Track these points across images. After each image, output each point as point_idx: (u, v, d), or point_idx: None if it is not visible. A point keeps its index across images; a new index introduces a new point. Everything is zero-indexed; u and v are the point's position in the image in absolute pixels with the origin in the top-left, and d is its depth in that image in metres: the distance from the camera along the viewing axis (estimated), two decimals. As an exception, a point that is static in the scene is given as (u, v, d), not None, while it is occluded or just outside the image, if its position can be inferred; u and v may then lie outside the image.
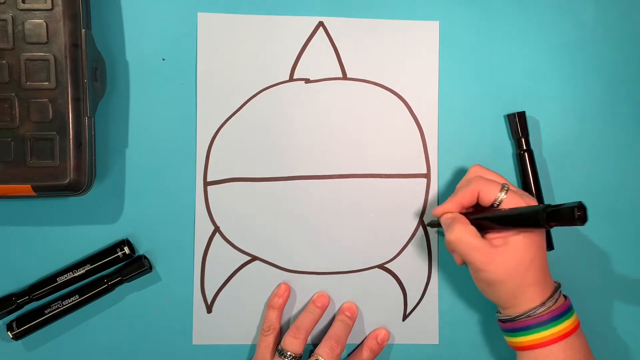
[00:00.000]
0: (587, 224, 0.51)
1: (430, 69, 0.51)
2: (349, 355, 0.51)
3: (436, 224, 0.50)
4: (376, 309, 0.51)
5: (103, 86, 0.49)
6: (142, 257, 0.49)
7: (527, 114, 0.51)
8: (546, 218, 0.39)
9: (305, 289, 0.51)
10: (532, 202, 0.44)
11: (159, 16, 0.50)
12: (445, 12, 0.51)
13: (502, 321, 0.45)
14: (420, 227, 0.51)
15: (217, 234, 0.50)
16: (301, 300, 0.51)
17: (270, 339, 0.48)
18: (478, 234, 0.43)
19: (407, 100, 0.51)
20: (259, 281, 0.51)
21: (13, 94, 0.44)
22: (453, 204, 0.45)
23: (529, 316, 0.42)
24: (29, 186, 0.44)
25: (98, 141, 0.49)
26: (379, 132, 0.51)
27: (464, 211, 0.46)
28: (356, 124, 0.51)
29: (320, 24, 0.51)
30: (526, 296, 0.42)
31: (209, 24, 0.50)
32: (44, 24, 0.44)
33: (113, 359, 0.50)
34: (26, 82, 0.44)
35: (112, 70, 0.49)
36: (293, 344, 0.47)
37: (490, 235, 0.43)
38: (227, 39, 0.50)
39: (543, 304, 0.42)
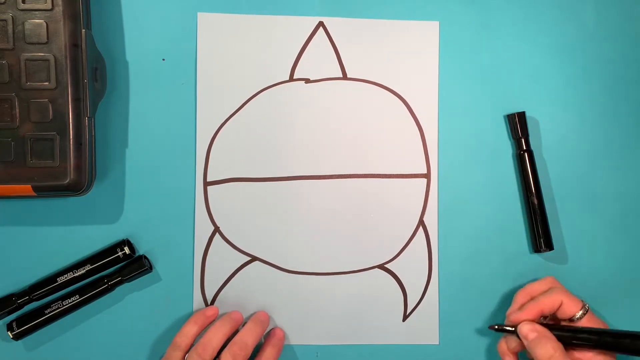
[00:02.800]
0: (587, 223, 0.52)
1: (430, 69, 0.51)
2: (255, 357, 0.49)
3: (502, 329, 0.47)
4: (376, 309, 0.51)
5: (103, 86, 0.49)
6: (142, 257, 0.49)
7: (527, 114, 0.51)
8: None
9: (305, 290, 0.51)
10: (605, 324, 0.45)
11: (159, 16, 0.50)
12: (445, 12, 0.51)
13: None
14: (421, 227, 0.51)
15: (217, 234, 0.50)
16: (301, 302, 0.51)
17: (179, 355, 0.46)
18: (565, 353, 0.43)
19: (407, 100, 0.51)
20: (258, 281, 0.51)
21: (13, 94, 0.44)
22: (533, 312, 0.45)
23: None
24: (29, 186, 0.44)
25: (98, 141, 0.49)
26: (378, 132, 0.51)
27: (538, 321, 0.46)
28: (356, 124, 0.51)
29: (320, 24, 0.51)
30: None
31: (209, 24, 0.50)
32: (44, 24, 0.44)
33: (113, 359, 0.50)
34: (26, 82, 0.44)
35: (112, 70, 0.50)
36: None
37: (574, 356, 0.44)
38: (227, 39, 0.50)
39: None
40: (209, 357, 0.45)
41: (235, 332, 0.48)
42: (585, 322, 0.45)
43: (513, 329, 0.47)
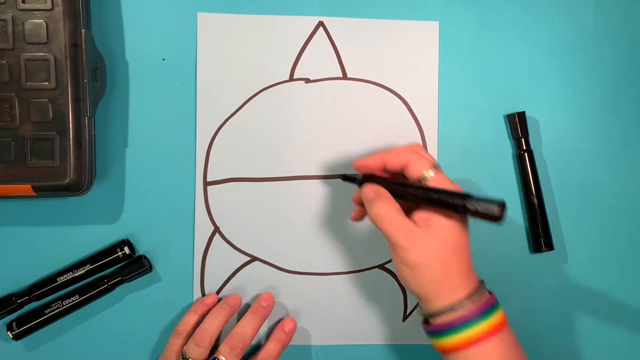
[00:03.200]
0: (587, 223, 0.52)
1: (430, 69, 0.51)
2: (257, 347, 0.50)
3: (351, 179, 0.46)
4: (376, 309, 0.51)
5: (103, 86, 0.49)
6: (142, 257, 0.49)
7: (527, 114, 0.51)
8: (465, 206, 0.38)
9: (305, 290, 0.51)
10: (459, 189, 0.42)
11: (159, 16, 0.50)
12: (445, 12, 0.51)
13: (427, 320, 0.42)
14: (420, 227, 0.51)
15: (217, 234, 0.50)
16: (301, 302, 0.51)
17: (180, 343, 0.47)
18: (402, 211, 0.41)
19: (407, 100, 0.51)
20: (258, 281, 0.51)
21: (13, 94, 0.44)
22: (375, 161, 0.43)
23: (454, 309, 0.39)
24: (29, 186, 0.44)
25: (98, 141, 0.49)
26: (379, 132, 0.51)
27: (381, 174, 0.44)
28: (356, 124, 0.51)
29: (320, 23, 0.51)
30: (451, 284, 0.39)
31: (209, 24, 0.50)
32: (44, 24, 0.44)
33: (113, 359, 0.50)
34: (26, 82, 0.44)
35: (112, 70, 0.50)
36: (196, 351, 0.45)
37: (415, 216, 0.41)
38: (227, 39, 0.50)
39: (470, 297, 0.39)
40: (206, 345, 0.46)
41: (237, 318, 0.49)
42: (434, 182, 0.41)
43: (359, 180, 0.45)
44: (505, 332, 0.40)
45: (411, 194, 0.42)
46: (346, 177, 0.47)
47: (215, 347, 0.47)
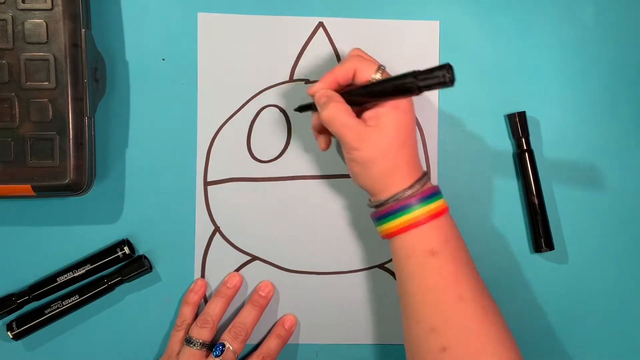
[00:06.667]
0: (586, 223, 0.52)
1: (430, 69, 0.51)
2: (258, 343, 0.51)
3: (306, 107, 0.47)
4: (376, 309, 0.51)
5: (103, 86, 0.49)
6: (142, 257, 0.49)
7: (527, 113, 0.51)
8: (417, 81, 0.38)
9: (305, 289, 0.51)
10: None
11: (159, 16, 0.50)
12: (445, 12, 0.51)
13: (374, 209, 0.44)
14: (420, 227, 0.51)
15: (217, 234, 0.50)
16: (301, 301, 0.51)
17: (181, 334, 0.48)
18: (352, 113, 0.42)
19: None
20: (259, 281, 0.51)
21: (13, 94, 0.44)
22: (328, 81, 0.44)
23: (397, 199, 0.41)
24: (29, 186, 0.44)
25: (98, 141, 0.49)
26: (379, 132, 0.51)
27: (339, 89, 0.44)
28: (356, 124, 0.51)
29: (320, 24, 0.51)
30: (396, 177, 0.42)
31: (209, 24, 0.50)
32: (44, 24, 0.44)
33: (113, 359, 0.50)
34: (26, 82, 0.44)
35: (112, 70, 0.50)
36: (200, 332, 0.47)
37: (365, 115, 0.42)
38: (227, 39, 0.50)
39: (411, 186, 0.41)
40: (210, 325, 0.47)
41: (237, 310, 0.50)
42: None
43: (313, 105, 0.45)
44: (444, 219, 0.42)
45: (360, 94, 0.43)
46: (302, 108, 0.48)
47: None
